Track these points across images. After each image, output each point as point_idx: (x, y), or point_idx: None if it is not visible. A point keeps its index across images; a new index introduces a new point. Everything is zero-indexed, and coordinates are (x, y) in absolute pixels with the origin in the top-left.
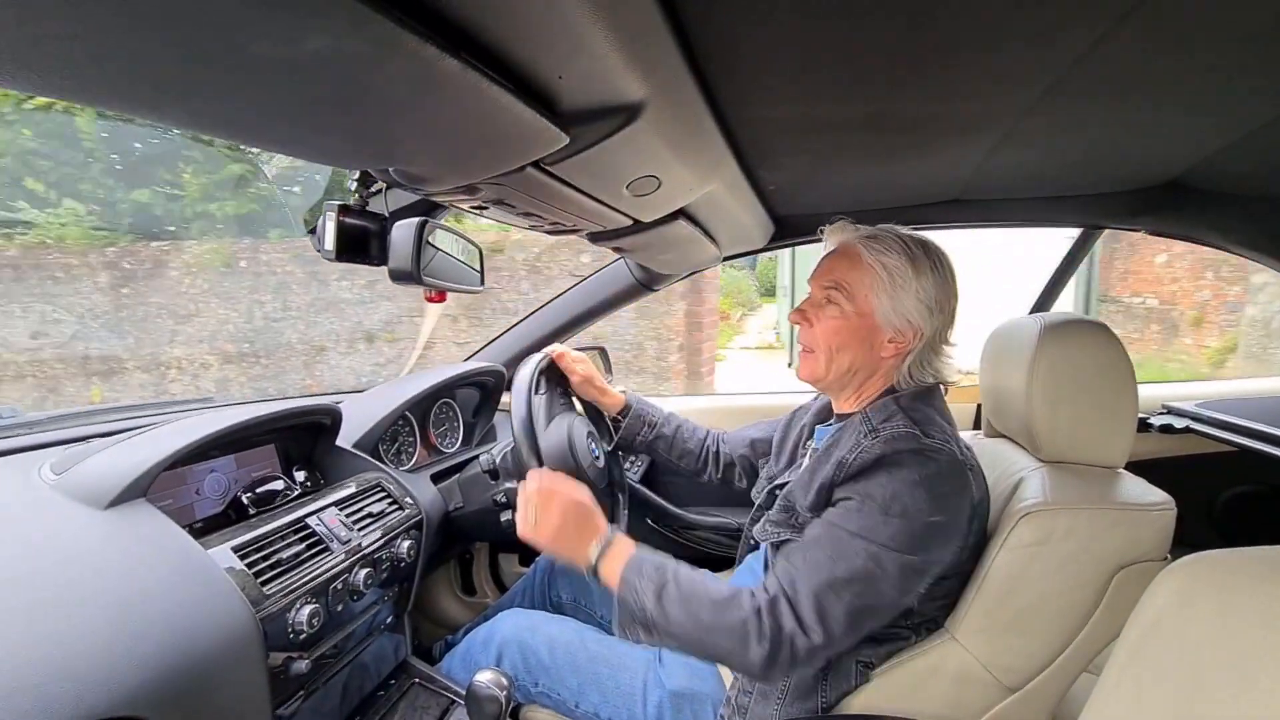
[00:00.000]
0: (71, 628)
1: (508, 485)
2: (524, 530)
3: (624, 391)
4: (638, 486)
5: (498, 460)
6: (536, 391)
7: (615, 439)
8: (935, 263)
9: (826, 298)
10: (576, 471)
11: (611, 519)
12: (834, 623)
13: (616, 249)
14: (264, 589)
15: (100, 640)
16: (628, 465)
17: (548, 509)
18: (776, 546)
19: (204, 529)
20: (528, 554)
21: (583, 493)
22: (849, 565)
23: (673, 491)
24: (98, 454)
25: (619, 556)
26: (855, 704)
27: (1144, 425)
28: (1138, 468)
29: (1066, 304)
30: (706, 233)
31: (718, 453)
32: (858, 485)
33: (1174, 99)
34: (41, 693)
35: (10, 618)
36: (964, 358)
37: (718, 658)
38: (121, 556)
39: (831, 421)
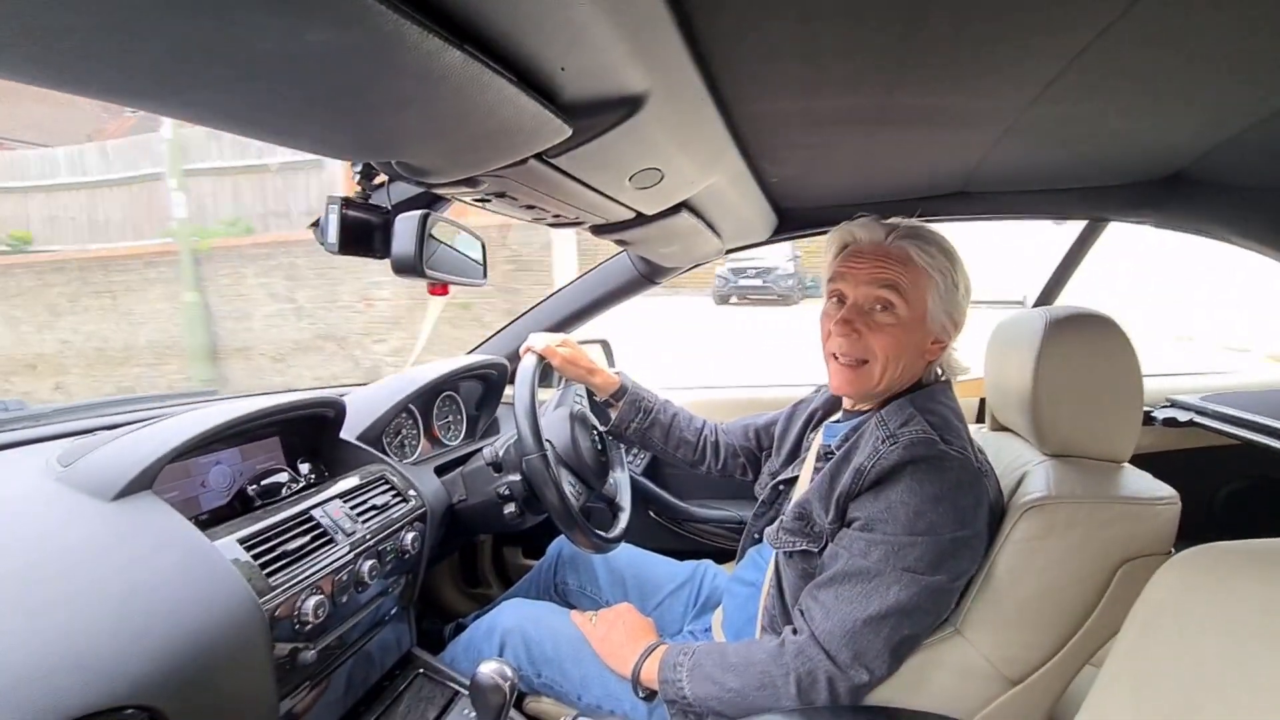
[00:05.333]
0: (79, 618)
1: (511, 478)
2: (584, 627)
3: (618, 373)
4: (640, 479)
5: (501, 453)
6: (539, 384)
7: (608, 425)
8: (958, 255)
9: (880, 304)
10: (577, 464)
11: (614, 513)
12: (875, 660)
13: (619, 242)
14: (270, 580)
15: (108, 631)
16: (630, 458)
17: (606, 618)
18: (789, 555)
19: (209, 521)
20: (531, 545)
21: (642, 619)
22: (882, 600)
23: (675, 484)
24: (103, 446)
25: (655, 659)
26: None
27: (1148, 419)
28: (1142, 461)
29: None
30: (709, 225)
31: (717, 444)
32: (879, 498)
33: (1178, 91)
34: (50, 682)
35: (19, 608)
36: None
37: (760, 711)
38: (128, 548)
39: (839, 418)
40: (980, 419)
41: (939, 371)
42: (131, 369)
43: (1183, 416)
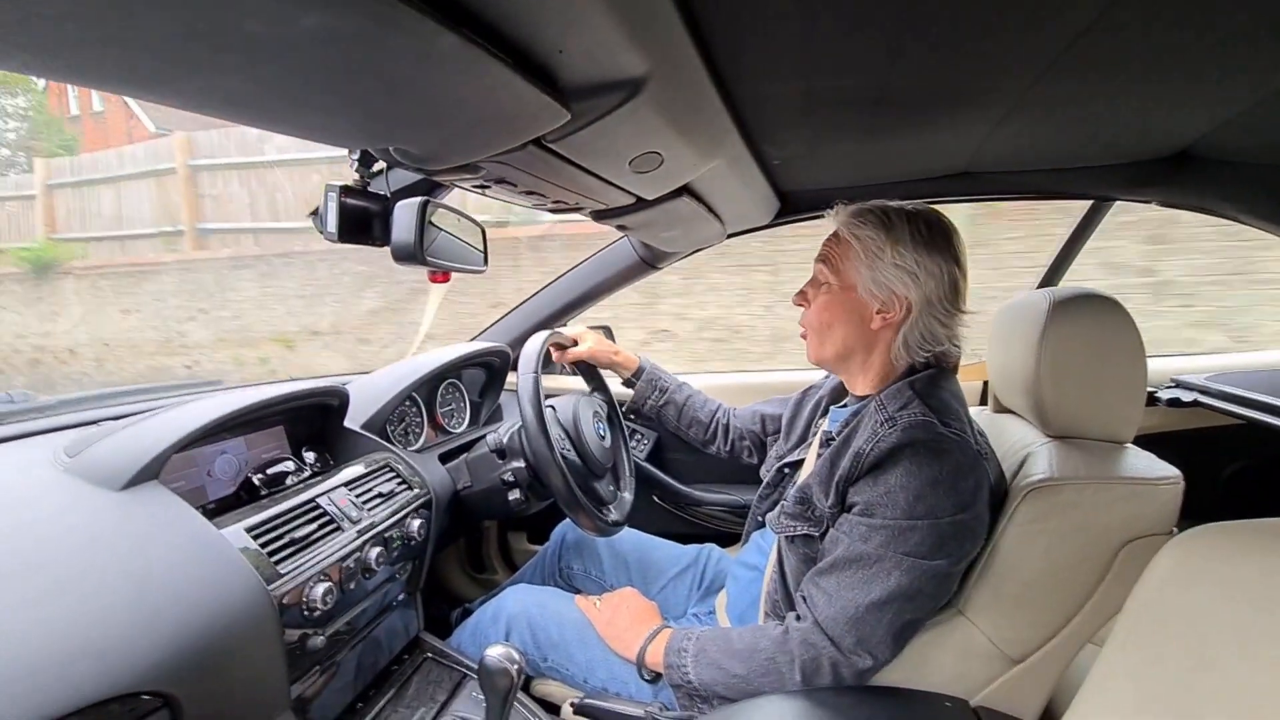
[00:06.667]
0: (91, 607)
1: (515, 464)
2: (589, 611)
3: (639, 356)
4: (643, 464)
5: (505, 440)
6: (543, 369)
7: (626, 404)
8: (917, 229)
9: (819, 275)
10: (579, 447)
11: (617, 499)
12: (878, 645)
13: (620, 227)
14: (278, 568)
15: (120, 619)
16: (634, 443)
17: (610, 602)
18: (791, 539)
19: (217, 510)
20: (536, 531)
21: (646, 603)
22: (884, 586)
23: (679, 469)
24: (109, 437)
25: (659, 643)
26: None
27: (1152, 399)
28: (1145, 441)
29: None
30: (710, 209)
31: (727, 426)
32: (878, 482)
33: (1182, 68)
34: (65, 670)
35: (32, 597)
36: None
37: (763, 694)
38: (137, 538)
39: (846, 403)
40: (983, 401)
41: (929, 358)
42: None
43: (1187, 397)
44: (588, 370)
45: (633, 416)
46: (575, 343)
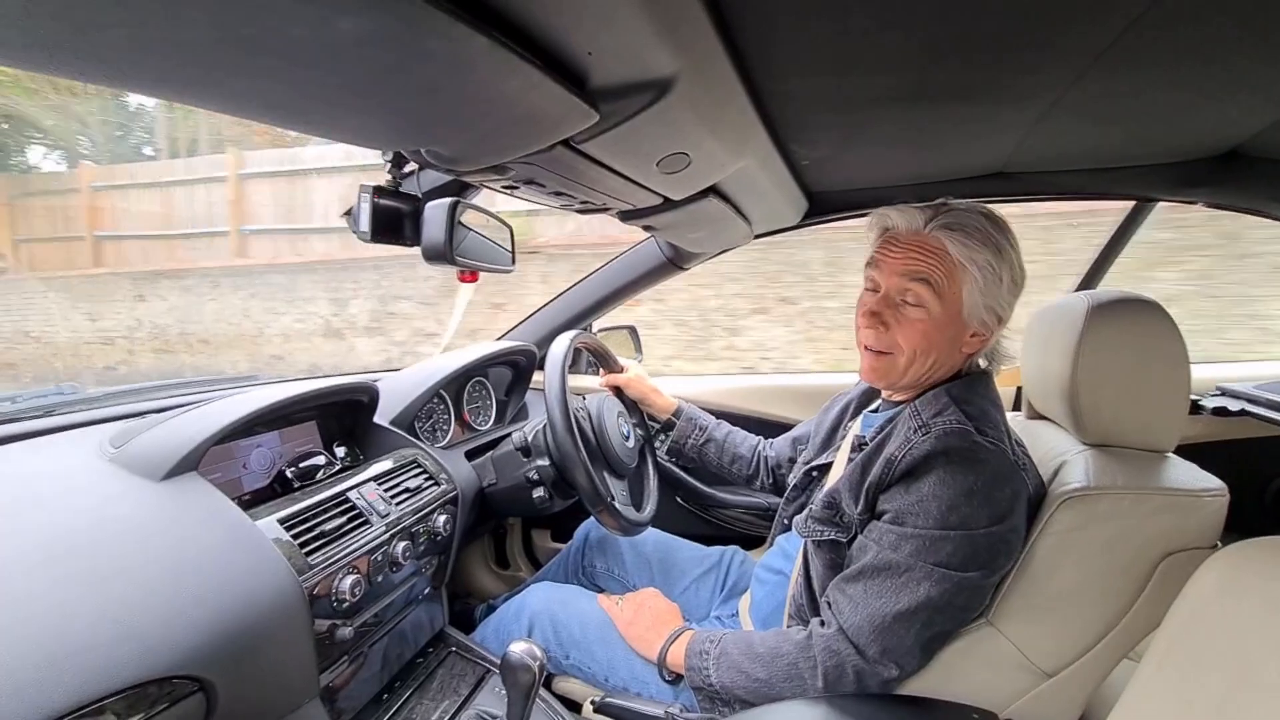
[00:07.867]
0: (133, 592)
1: (539, 462)
2: (611, 611)
3: (676, 398)
4: (668, 465)
5: (530, 438)
6: (569, 368)
7: (667, 442)
8: (1010, 242)
9: (909, 297)
10: (602, 444)
11: (641, 498)
12: (904, 655)
13: (646, 227)
14: (309, 559)
15: (159, 604)
16: (658, 444)
17: (632, 602)
18: (818, 544)
19: (251, 501)
20: (560, 529)
21: (668, 604)
22: (912, 596)
23: (702, 470)
24: (152, 429)
25: (681, 644)
26: None
27: (1196, 407)
28: (1188, 451)
29: None
30: (738, 210)
31: (766, 458)
32: (910, 491)
33: (1233, 64)
34: (108, 652)
35: (78, 582)
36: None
37: (784, 699)
38: (176, 526)
39: (878, 407)
40: (1016, 407)
41: (980, 363)
42: None
43: (1234, 405)
44: (628, 400)
45: (673, 458)
46: (623, 369)
